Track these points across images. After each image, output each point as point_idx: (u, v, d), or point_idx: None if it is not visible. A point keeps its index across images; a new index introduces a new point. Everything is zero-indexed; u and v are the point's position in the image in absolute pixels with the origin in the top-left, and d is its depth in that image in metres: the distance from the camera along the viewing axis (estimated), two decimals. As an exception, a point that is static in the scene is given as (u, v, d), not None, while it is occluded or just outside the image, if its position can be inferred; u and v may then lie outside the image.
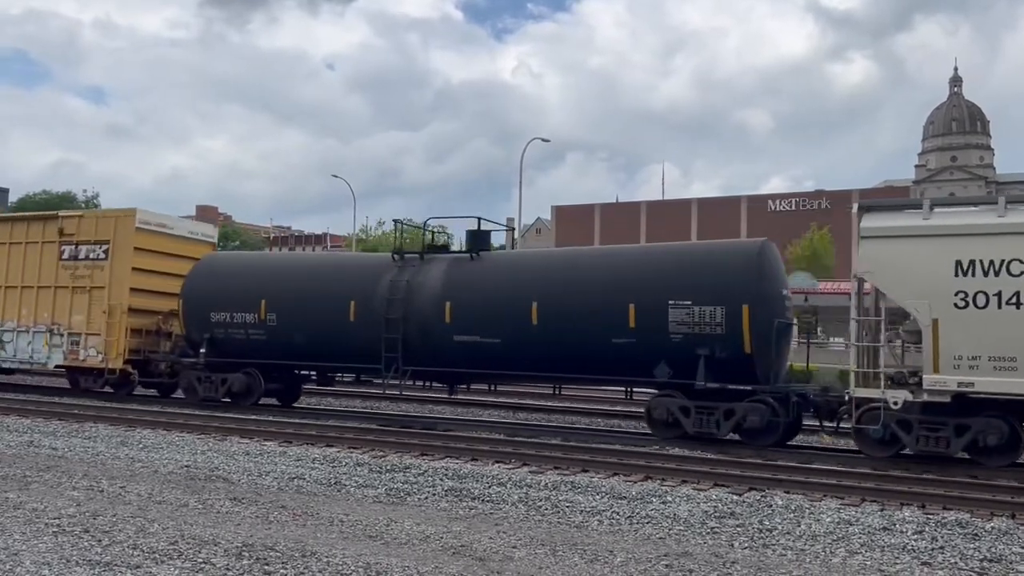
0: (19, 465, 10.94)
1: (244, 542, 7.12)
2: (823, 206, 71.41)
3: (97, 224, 19.99)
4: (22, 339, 20.27)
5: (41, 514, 8.03)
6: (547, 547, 7.44)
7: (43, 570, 6.16)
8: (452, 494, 9.84)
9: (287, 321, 17.21)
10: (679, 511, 9.05)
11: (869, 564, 7.26)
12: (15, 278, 20.68)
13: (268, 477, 10.70)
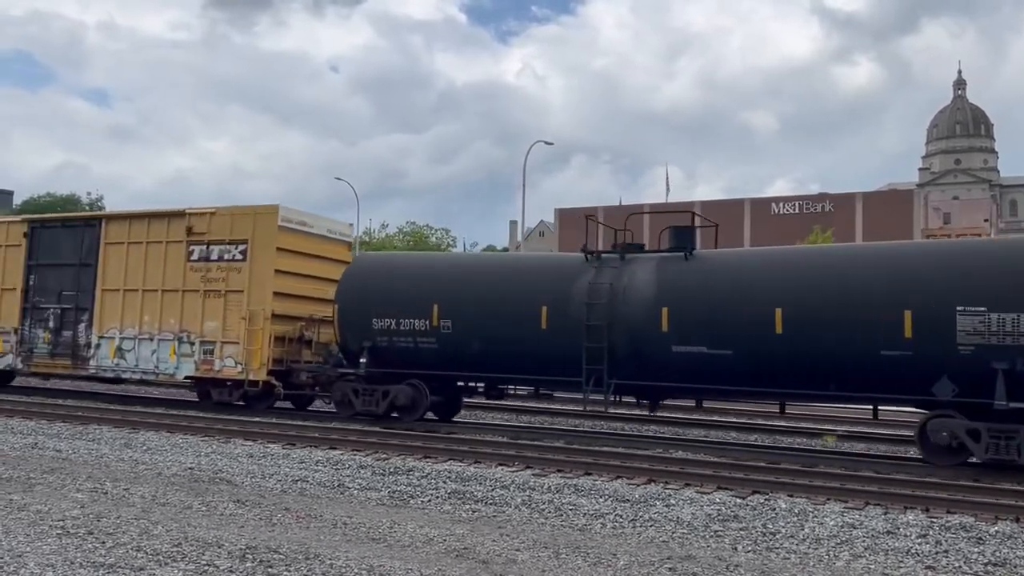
0: (23, 467, 10.96)
1: (248, 544, 7.13)
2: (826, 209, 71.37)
3: (232, 222, 18.09)
4: (144, 348, 18.49)
5: (45, 516, 8.05)
6: (550, 550, 7.44)
7: (47, 572, 6.17)
8: (455, 496, 9.84)
9: (464, 328, 15.57)
10: (682, 514, 9.04)
11: (873, 568, 7.25)
12: (135, 281, 18.93)
13: (272, 479, 10.71)
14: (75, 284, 19.63)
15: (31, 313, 20.15)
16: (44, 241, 20.41)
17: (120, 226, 19.53)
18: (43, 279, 20.18)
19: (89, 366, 19.24)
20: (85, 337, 19.31)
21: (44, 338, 19.91)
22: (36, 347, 19.97)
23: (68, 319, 19.60)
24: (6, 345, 20.45)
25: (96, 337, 19.14)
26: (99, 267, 19.36)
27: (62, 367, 19.74)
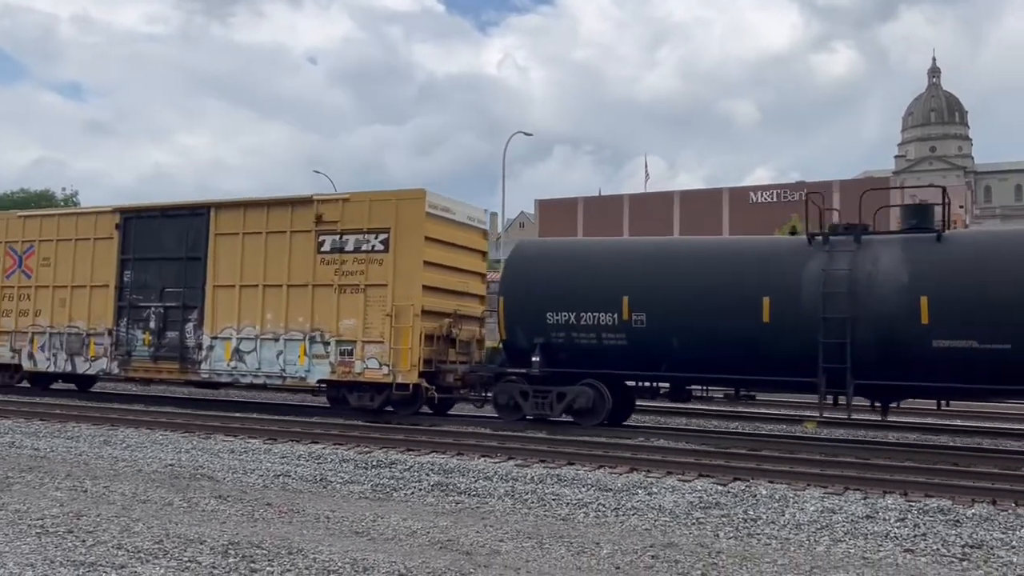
0: (1, 466, 10.85)
1: (230, 540, 7.10)
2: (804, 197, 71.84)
3: (371, 209, 16.30)
4: (268, 349, 16.67)
5: (24, 515, 7.97)
6: (534, 540, 7.46)
7: (27, 572, 6.11)
8: (438, 489, 9.84)
9: (661, 323, 13.95)
10: (664, 502, 9.09)
11: (853, 552, 7.33)
12: (253, 275, 17.07)
13: (253, 475, 10.66)
14: (180, 280, 17.83)
15: (128, 313, 18.35)
16: (141, 233, 18.52)
17: (233, 215, 17.61)
18: (141, 275, 18.39)
19: (201, 370, 17.44)
20: (195, 338, 17.51)
21: (144, 340, 18.05)
22: (135, 350, 18.14)
23: (173, 318, 17.80)
24: (98, 348, 18.65)
25: (208, 338, 17.32)
26: (209, 260, 17.57)
27: (168, 371, 17.93)
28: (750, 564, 6.79)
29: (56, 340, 19.27)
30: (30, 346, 19.55)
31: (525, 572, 6.40)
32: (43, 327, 19.43)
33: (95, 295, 18.85)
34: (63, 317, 19.20)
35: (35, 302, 19.62)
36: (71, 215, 20.34)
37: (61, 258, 19.46)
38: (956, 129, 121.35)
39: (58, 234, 19.66)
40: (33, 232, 19.98)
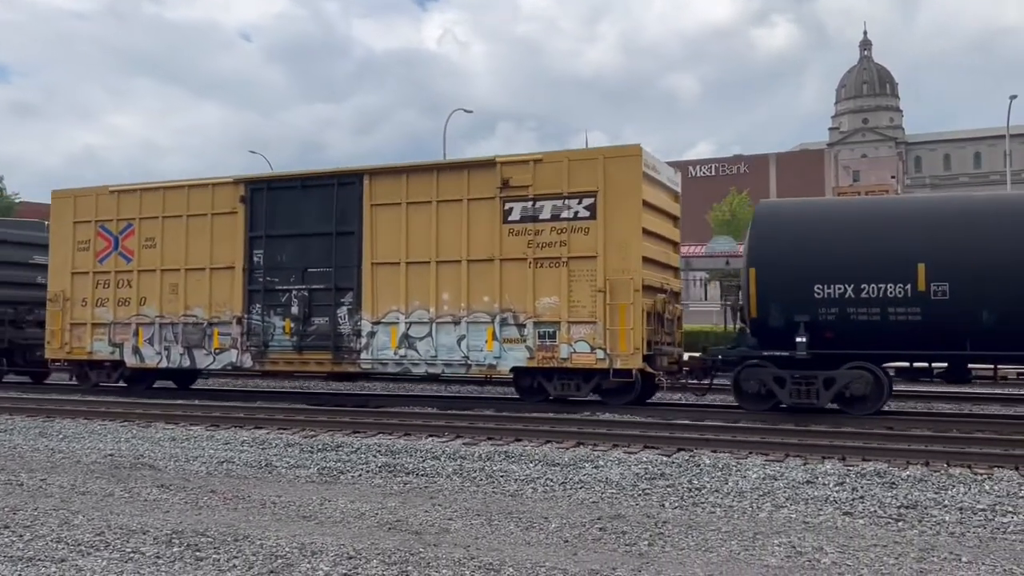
0: (-70, 463, 10.50)
1: (174, 529, 6.98)
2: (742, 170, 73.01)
3: (570, 170, 14.22)
4: (445, 334, 14.70)
5: (-43, 512, 7.73)
6: (483, 517, 7.49)
7: (-39, 570, 5.94)
8: (386, 470, 9.81)
9: (972, 294, 12.17)
10: (611, 475, 9.20)
11: (794, 517, 7.51)
12: (422, 250, 15.00)
13: (196, 462, 10.50)
14: (327, 258, 15.64)
15: (261, 297, 16.05)
16: (273, 206, 16.17)
17: (391, 183, 15.38)
18: (275, 253, 16.08)
19: (361, 360, 15.38)
20: (350, 324, 15.38)
21: (284, 328, 15.77)
22: (272, 339, 15.92)
23: (321, 302, 15.62)
24: (224, 339, 16.36)
25: (368, 323, 15.22)
26: (364, 235, 15.37)
27: (317, 363, 15.90)
28: (695, 532, 6.92)
29: (168, 331, 16.87)
30: (134, 339, 17.14)
31: (475, 549, 6.43)
32: (151, 317, 17.02)
33: (217, 279, 16.51)
34: (176, 305, 16.80)
35: (138, 289, 17.19)
36: (180, 188, 17.22)
37: (169, 237, 17.01)
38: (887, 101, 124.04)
39: (164, 210, 17.11)
40: (131, 209, 17.47)
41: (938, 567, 5.98)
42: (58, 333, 17.87)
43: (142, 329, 17.16)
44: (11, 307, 20.01)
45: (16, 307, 20.05)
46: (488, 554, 6.27)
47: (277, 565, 6.00)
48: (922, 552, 6.33)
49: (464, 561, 6.06)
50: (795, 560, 6.17)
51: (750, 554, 6.34)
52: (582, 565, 6.01)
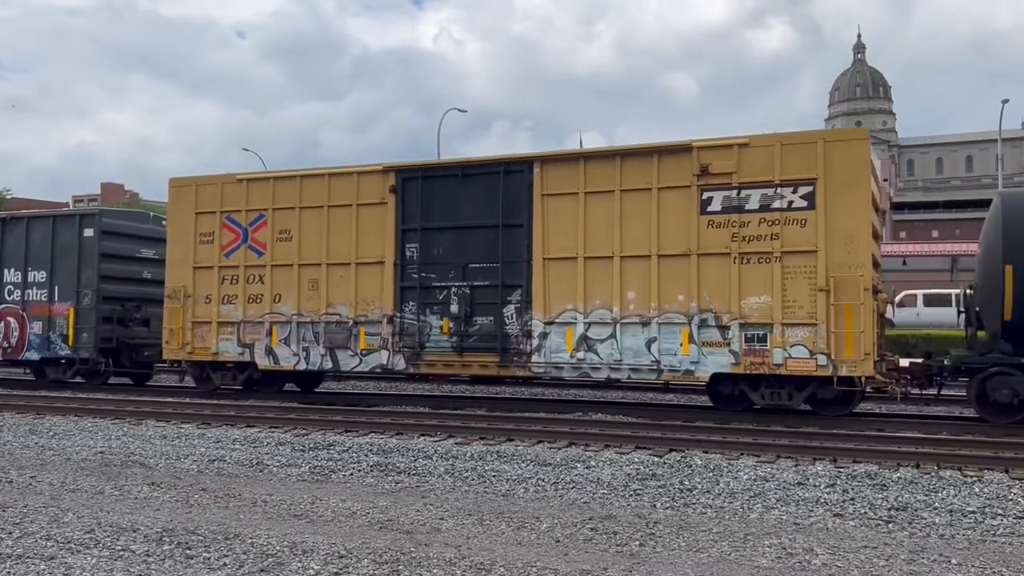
0: (-81, 459, 10.45)
1: (164, 527, 6.96)
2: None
3: (782, 156, 12.93)
4: (631, 336, 13.45)
5: (-55, 509, 7.70)
6: (474, 517, 7.49)
7: (-50, 567, 5.91)
8: (377, 469, 9.80)
9: None
10: (602, 475, 9.20)
11: (785, 518, 7.53)
12: (601, 244, 13.76)
13: (187, 460, 10.47)
14: (492, 253, 14.50)
15: (415, 295, 14.92)
16: (429, 196, 15.00)
17: (566, 170, 14.17)
18: (430, 247, 14.94)
19: (532, 363, 14.16)
20: (518, 324, 14.24)
21: (441, 327, 14.69)
22: (428, 340, 14.82)
23: (484, 300, 14.49)
24: (372, 339, 15.17)
25: (540, 323, 14.05)
26: (535, 228, 14.20)
27: (480, 365, 14.65)
28: (686, 533, 6.93)
29: (307, 331, 15.68)
30: (268, 339, 15.92)
31: (466, 549, 6.43)
32: (287, 315, 15.80)
33: (363, 274, 15.29)
34: (317, 303, 15.58)
35: (272, 285, 15.97)
36: (319, 176, 15.99)
37: (308, 230, 15.77)
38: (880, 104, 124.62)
39: (301, 200, 15.89)
40: (262, 199, 16.22)
41: (928, 569, 6.00)
42: (178, 332, 16.58)
43: (276, 328, 15.89)
44: (119, 304, 18.71)
45: (123, 304, 18.79)
46: (479, 554, 6.27)
47: (268, 563, 5.99)
48: (912, 554, 6.35)
49: (455, 561, 6.06)
50: (786, 561, 6.18)
51: (741, 555, 6.35)
52: (573, 565, 6.01)
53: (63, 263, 18.50)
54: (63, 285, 18.45)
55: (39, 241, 18.78)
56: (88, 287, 18.23)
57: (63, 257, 18.53)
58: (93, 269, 18.24)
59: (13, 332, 18.94)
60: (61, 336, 18.42)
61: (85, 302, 18.17)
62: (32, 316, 18.72)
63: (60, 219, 19.00)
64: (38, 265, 18.78)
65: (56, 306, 18.56)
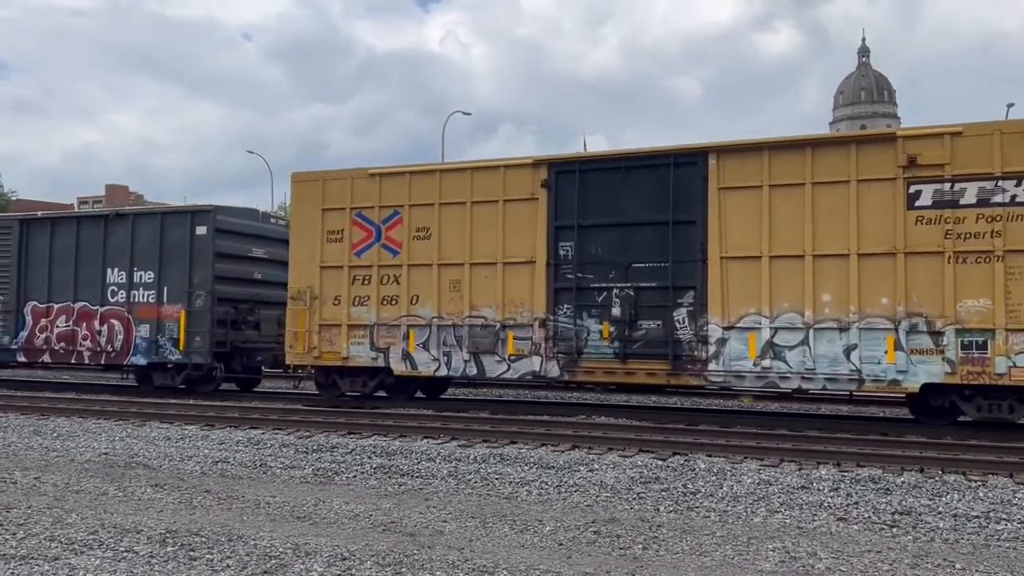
0: (-76, 460, 10.48)
1: (168, 528, 6.97)
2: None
3: (1002, 144, 11.85)
4: (827, 343, 12.40)
5: (-50, 509, 7.71)
6: (477, 519, 7.49)
7: (-46, 567, 5.93)
8: (381, 471, 9.81)
9: None
10: (606, 478, 9.20)
11: (788, 522, 7.52)
12: (788, 241, 12.69)
13: (191, 462, 10.48)
14: (659, 251, 13.48)
15: (571, 297, 13.91)
16: (586, 191, 14.04)
17: (747, 162, 13.11)
18: (589, 246, 13.91)
19: (709, 371, 13.10)
20: (692, 329, 13.19)
21: (602, 332, 13.65)
22: (587, 346, 13.78)
23: (651, 303, 13.50)
24: (522, 344, 14.20)
25: (718, 328, 12.98)
26: (710, 224, 13.19)
27: (647, 373, 13.59)
28: (690, 537, 6.92)
29: (448, 335, 14.72)
30: (404, 343, 15.00)
31: (469, 551, 6.42)
32: (425, 318, 14.86)
33: (511, 275, 14.32)
34: (459, 305, 14.64)
35: (409, 286, 15.03)
36: (460, 171, 15.08)
37: (448, 228, 14.82)
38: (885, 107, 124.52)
39: (440, 196, 14.92)
40: (397, 195, 15.26)
41: (932, 573, 5.98)
42: (303, 335, 15.60)
43: (414, 332, 14.94)
44: (232, 306, 17.60)
45: (236, 306, 17.69)
46: (482, 556, 6.27)
47: (271, 565, 5.99)
48: (916, 559, 6.34)
49: (458, 563, 6.06)
50: (789, 565, 6.17)
51: (744, 559, 6.34)
52: (576, 568, 6.01)
53: (173, 263, 17.31)
54: (173, 286, 17.27)
55: (146, 239, 17.59)
56: (201, 288, 17.04)
57: (173, 256, 17.33)
58: (207, 269, 17.03)
59: (117, 335, 17.75)
60: (171, 340, 17.20)
61: (198, 304, 17.00)
62: (138, 318, 17.51)
63: (169, 216, 17.82)
64: (145, 265, 17.57)
65: (165, 308, 17.34)
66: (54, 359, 18.68)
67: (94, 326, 17.91)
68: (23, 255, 18.72)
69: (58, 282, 18.26)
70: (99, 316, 17.85)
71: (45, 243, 18.51)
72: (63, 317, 18.28)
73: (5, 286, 18.83)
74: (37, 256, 18.59)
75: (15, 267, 18.72)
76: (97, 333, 17.89)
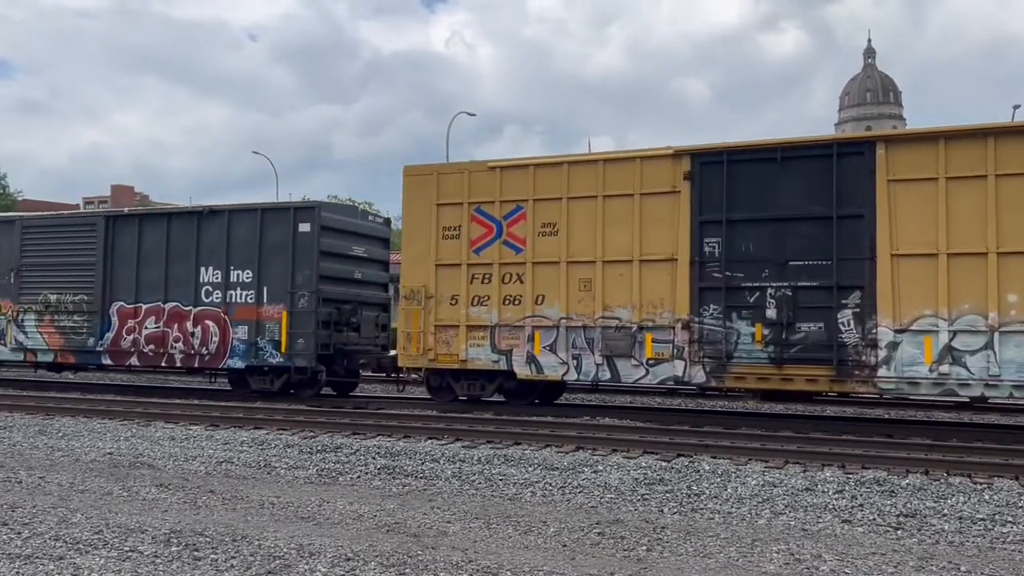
0: (-70, 459, 10.51)
1: (172, 528, 6.98)
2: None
3: None
4: (1014, 347, 11.51)
5: (-45, 509, 7.73)
6: (481, 520, 7.49)
7: (-41, 566, 5.94)
8: (385, 472, 9.81)
9: None
10: (610, 479, 9.19)
11: (793, 524, 7.51)
12: (971, 238, 11.83)
13: (195, 462, 10.50)
14: (820, 248, 12.61)
15: (718, 297, 13.06)
16: (734, 183, 13.08)
17: (921, 152, 12.18)
18: (739, 242, 13.04)
19: (878, 378, 12.21)
20: (859, 332, 12.30)
21: (754, 335, 12.78)
22: (737, 349, 12.91)
23: (810, 303, 12.64)
24: (662, 347, 13.34)
25: (889, 331, 12.10)
26: (879, 219, 12.28)
27: (807, 379, 12.67)
28: (694, 538, 6.91)
29: (578, 337, 13.89)
30: (529, 346, 14.21)
31: (473, 552, 6.42)
32: (552, 319, 14.05)
33: (649, 273, 13.46)
34: (590, 305, 13.82)
35: (533, 285, 14.21)
36: (591, 162, 14.27)
37: (577, 223, 13.99)
38: (890, 109, 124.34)
39: (568, 190, 14.10)
40: (520, 188, 14.46)
41: (937, 576, 5.97)
42: (416, 337, 14.91)
43: (539, 333, 14.14)
44: (335, 306, 16.74)
45: (339, 307, 16.83)
46: (486, 557, 6.27)
47: (275, 566, 6.00)
48: (921, 561, 6.32)
49: (462, 564, 6.05)
50: (793, 567, 6.16)
51: (748, 561, 6.33)
52: (580, 570, 6.00)
53: (273, 261, 16.35)
54: (273, 285, 16.32)
55: (243, 237, 16.63)
56: (305, 288, 16.08)
57: (273, 254, 16.37)
58: (311, 268, 16.08)
59: (212, 337, 16.73)
60: (271, 342, 16.25)
61: (301, 304, 16.05)
62: (235, 320, 16.55)
63: (269, 212, 16.71)
64: (242, 263, 16.57)
65: (265, 309, 16.36)
66: (142, 362, 17.69)
67: (186, 327, 16.94)
68: (108, 253, 17.76)
69: (147, 281, 17.36)
70: (192, 317, 16.93)
71: (133, 241, 17.59)
72: (152, 318, 17.30)
73: (88, 285, 17.89)
74: (124, 254, 17.66)
75: (100, 265, 17.78)
76: (190, 335, 16.91)
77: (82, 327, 17.95)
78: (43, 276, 18.44)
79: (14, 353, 18.79)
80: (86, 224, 18.42)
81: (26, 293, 18.56)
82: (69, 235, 18.47)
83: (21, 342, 18.59)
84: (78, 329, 18.00)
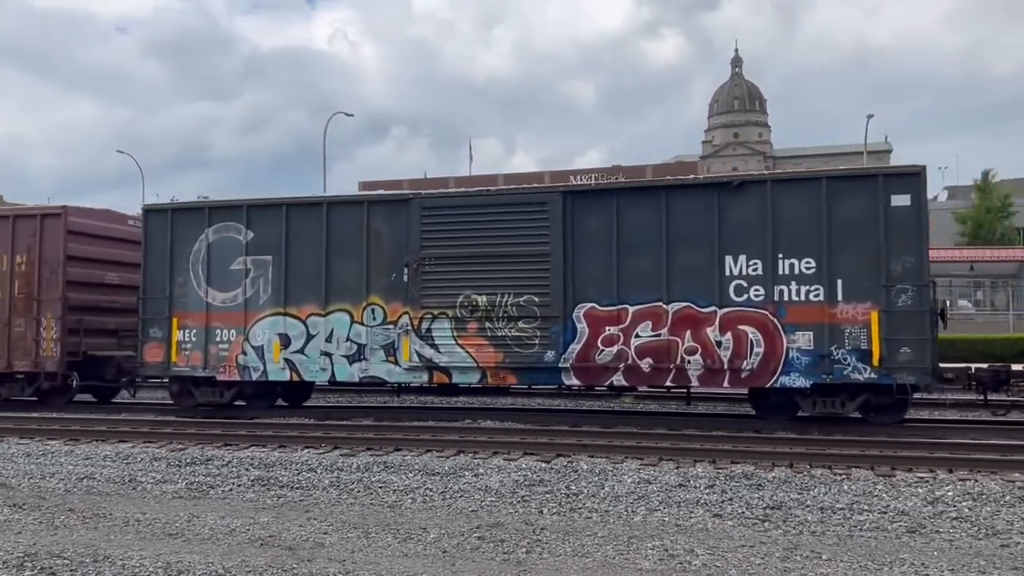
0: None
1: (26, 551, 6.55)
2: (620, 181, 74.62)
3: None
4: None
5: None
6: (360, 530, 7.35)
7: None
8: (259, 484, 9.51)
9: None
10: (491, 482, 9.20)
11: (667, 520, 7.70)
12: None
13: (53, 479, 9.90)
14: None
15: None
16: None
17: None
18: None
19: None
20: None
21: None
22: None
23: None
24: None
25: None
26: None
27: None
28: (572, 538, 6.99)
29: None
30: None
31: (350, 563, 6.30)
32: None
33: None
34: None
35: None
36: None
37: None
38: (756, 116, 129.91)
39: None
40: None
41: (801, 565, 6.23)
42: None
43: None
44: None
45: None
46: (364, 568, 6.16)
47: (139, 587, 5.71)
48: (786, 551, 6.59)
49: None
50: (668, 563, 6.31)
51: (625, 558, 6.45)
52: (459, 575, 5.97)
53: (850, 245, 12.45)
54: (852, 278, 12.43)
55: (797, 215, 12.70)
56: (906, 280, 12.18)
57: (850, 236, 12.45)
58: (916, 255, 12.19)
59: (753, 348, 12.66)
60: (855, 352, 12.30)
61: (902, 301, 12.23)
62: (790, 324, 12.61)
63: (839, 183, 12.63)
64: (798, 250, 12.63)
65: (841, 308, 12.46)
66: (631, 380, 13.34)
67: (706, 335, 12.92)
68: (568, 240, 13.51)
69: (631, 275, 13.24)
70: (718, 321, 12.95)
71: (605, 223, 13.42)
72: (647, 323, 13.14)
73: (541, 282, 13.58)
74: (590, 240, 13.47)
75: (560, 256, 13.48)
76: (716, 344, 12.87)
77: (533, 337, 13.74)
78: (461, 271, 14.02)
79: (413, 373, 14.18)
80: (535, 204, 13.89)
81: (431, 294, 14.06)
82: (504, 217, 14.00)
83: (429, 358, 14.00)
84: (527, 340, 13.76)
